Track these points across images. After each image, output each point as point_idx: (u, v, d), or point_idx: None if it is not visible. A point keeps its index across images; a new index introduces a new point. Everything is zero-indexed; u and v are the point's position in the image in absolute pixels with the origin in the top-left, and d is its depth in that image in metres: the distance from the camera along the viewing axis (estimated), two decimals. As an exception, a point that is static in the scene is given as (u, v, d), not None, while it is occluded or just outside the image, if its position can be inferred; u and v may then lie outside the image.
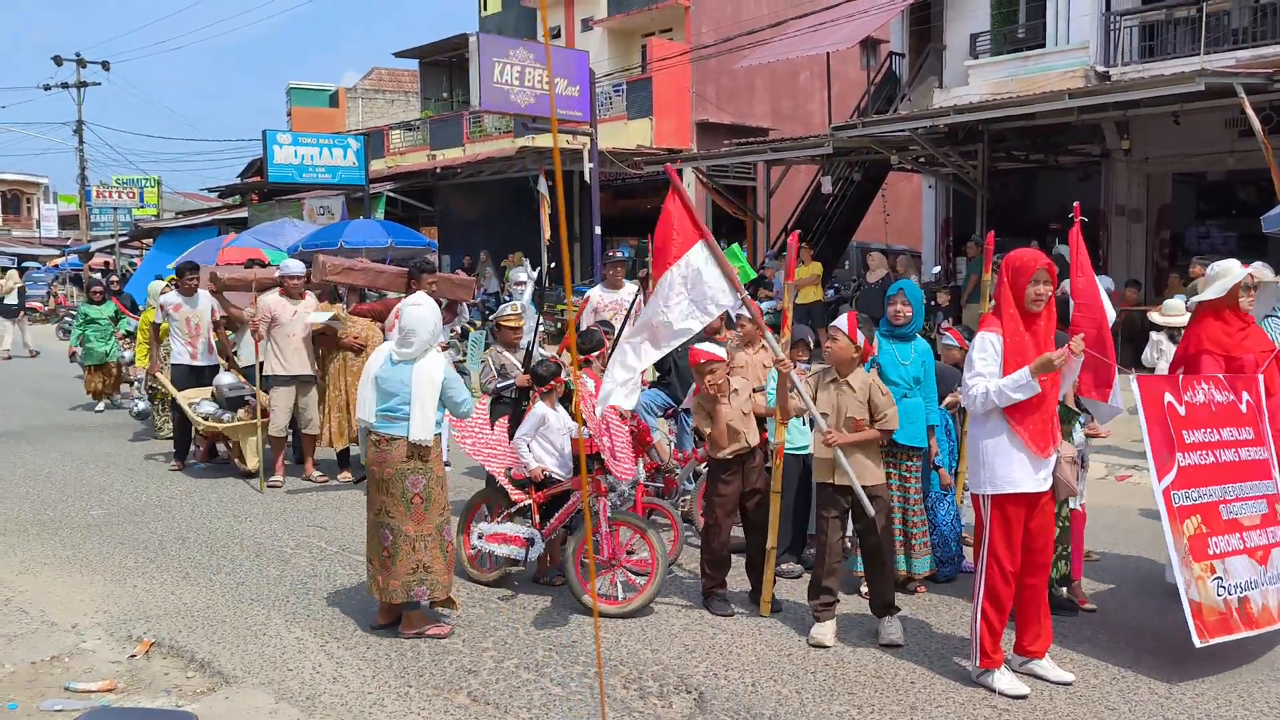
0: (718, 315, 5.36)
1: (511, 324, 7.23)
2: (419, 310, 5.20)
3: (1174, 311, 8.57)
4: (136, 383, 12.03)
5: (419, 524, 5.15)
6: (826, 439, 4.94)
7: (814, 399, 5.10)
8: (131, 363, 12.90)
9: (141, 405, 11.07)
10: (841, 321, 5.16)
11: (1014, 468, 4.47)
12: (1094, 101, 13.42)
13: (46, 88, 40.09)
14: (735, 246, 6.56)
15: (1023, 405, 4.45)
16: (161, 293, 11.07)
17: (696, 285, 5.08)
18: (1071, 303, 5.60)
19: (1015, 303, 4.50)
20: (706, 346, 5.51)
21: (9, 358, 20.54)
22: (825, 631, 5.08)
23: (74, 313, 23.49)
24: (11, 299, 22.91)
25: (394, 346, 5.24)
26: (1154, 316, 8.63)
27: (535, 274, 8.31)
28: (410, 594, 5.14)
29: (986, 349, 4.51)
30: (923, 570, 5.76)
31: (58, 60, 39.42)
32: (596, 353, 6.47)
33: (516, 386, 6.71)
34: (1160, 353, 8.84)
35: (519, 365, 6.90)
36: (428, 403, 5.07)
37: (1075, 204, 6.34)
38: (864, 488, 4.97)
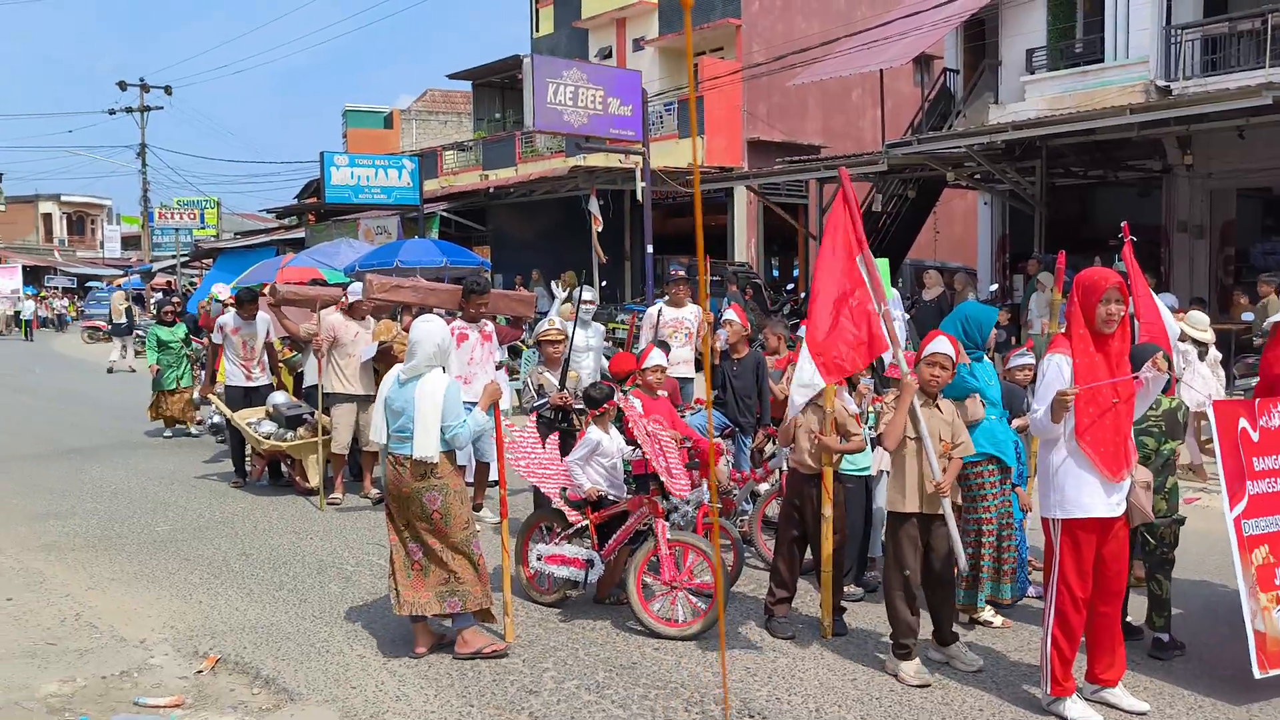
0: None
1: (553, 338, 7.24)
2: (425, 326, 5.20)
3: (1198, 325, 8.41)
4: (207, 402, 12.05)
5: (443, 538, 5.15)
6: (940, 488, 4.81)
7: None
8: (197, 403, 12.94)
9: (217, 418, 11.18)
10: (945, 346, 4.98)
11: (1085, 492, 4.37)
12: (1157, 116, 13.21)
13: (111, 112, 41.17)
14: (882, 260, 6.51)
15: (1094, 427, 4.35)
16: (226, 307, 11.29)
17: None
18: (1136, 323, 5.50)
19: (1085, 323, 4.40)
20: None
21: (114, 370, 21.58)
22: (916, 668, 4.89)
23: (139, 332, 24.17)
24: (121, 318, 23.77)
25: (401, 366, 5.27)
26: (1183, 326, 8.46)
27: (565, 294, 8.28)
28: (444, 605, 5.15)
29: (1054, 372, 4.42)
30: (1008, 596, 5.61)
31: (122, 85, 40.51)
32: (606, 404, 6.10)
33: (552, 405, 6.69)
34: (1188, 363, 8.61)
35: (556, 384, 6.90)
36: (430, 421, 5.05)
37: (1124, 223, 6.25)
38: (936, 515, 4.89)
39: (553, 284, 13.71)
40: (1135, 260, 5.64)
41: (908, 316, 11.02)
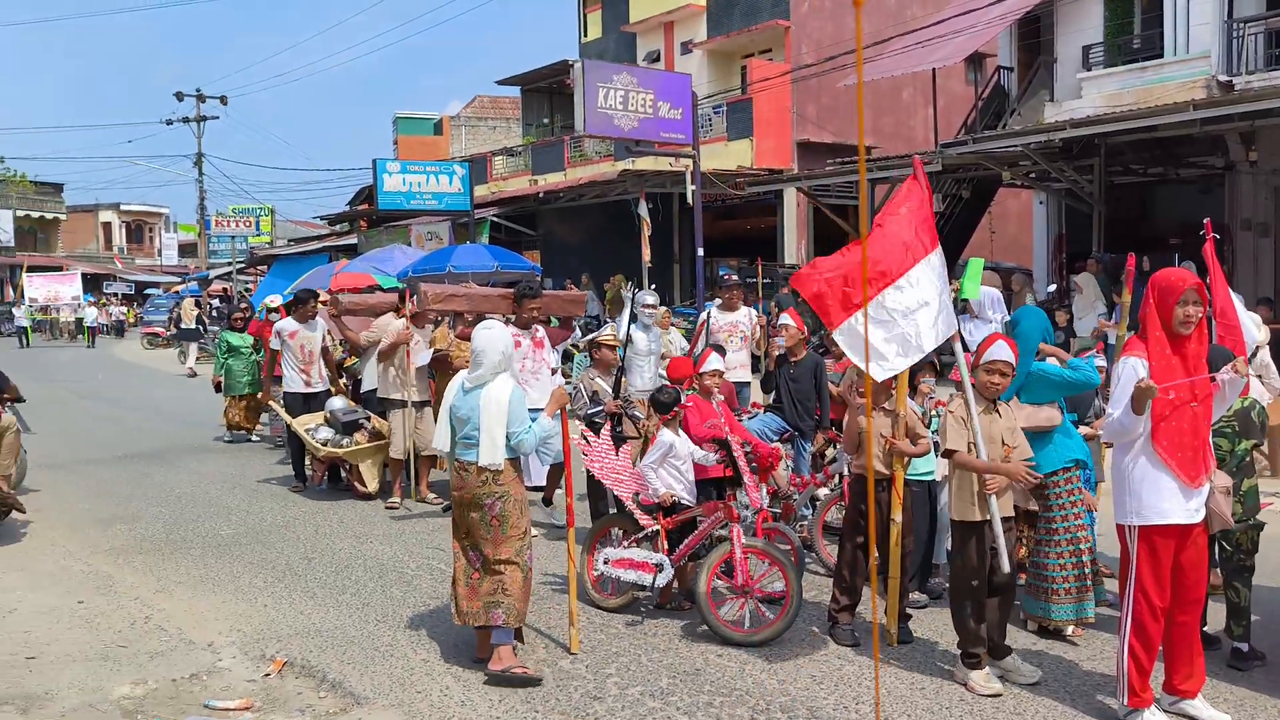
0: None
1: (610, 343, 7.23)
2: (488, 333, 5.17)
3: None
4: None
5: (496, 546, 5.09)
6: (987, 487, 4.73)
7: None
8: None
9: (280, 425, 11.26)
10: (1005, 353, 4.89)
11: (1163, 497, 4.26)
12: (1222, 112, 12.91)
13: (169, 122, 41.86)
14: (977, 260, 6.37)
15: (1171, 430, 4.24)
16: (271, 313, 11.41)
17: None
18: (1215, 323, 5.35)
19: (1162, 325, 4.29)
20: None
21: (194, 375, 22.13)
22: (985, 677, 4.79)
23: (203, 340, 24.72)
24: (190, 323, 24.33)
25: (465, 373, 5.24)
26: None
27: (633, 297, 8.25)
28: (489, 616, 5.06)
29: (1129, 375, 4.31)
30: (1090, 612, 5.47)
31: (179, 96, 41.20)
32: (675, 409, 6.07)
33: (607, 413, 6.68)
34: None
35: (610, 390, 6.89)
36: (495, 428, 5.02)
37: (1206, 220, 6.09)
38: (1005, 519, 4.80)
39: (623, 290, 13.68)
40: (1216, 258, 5.50)
41: (1008, 318, 10.77)
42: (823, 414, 7.56)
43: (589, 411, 6.78)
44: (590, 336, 7.70)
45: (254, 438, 12.82)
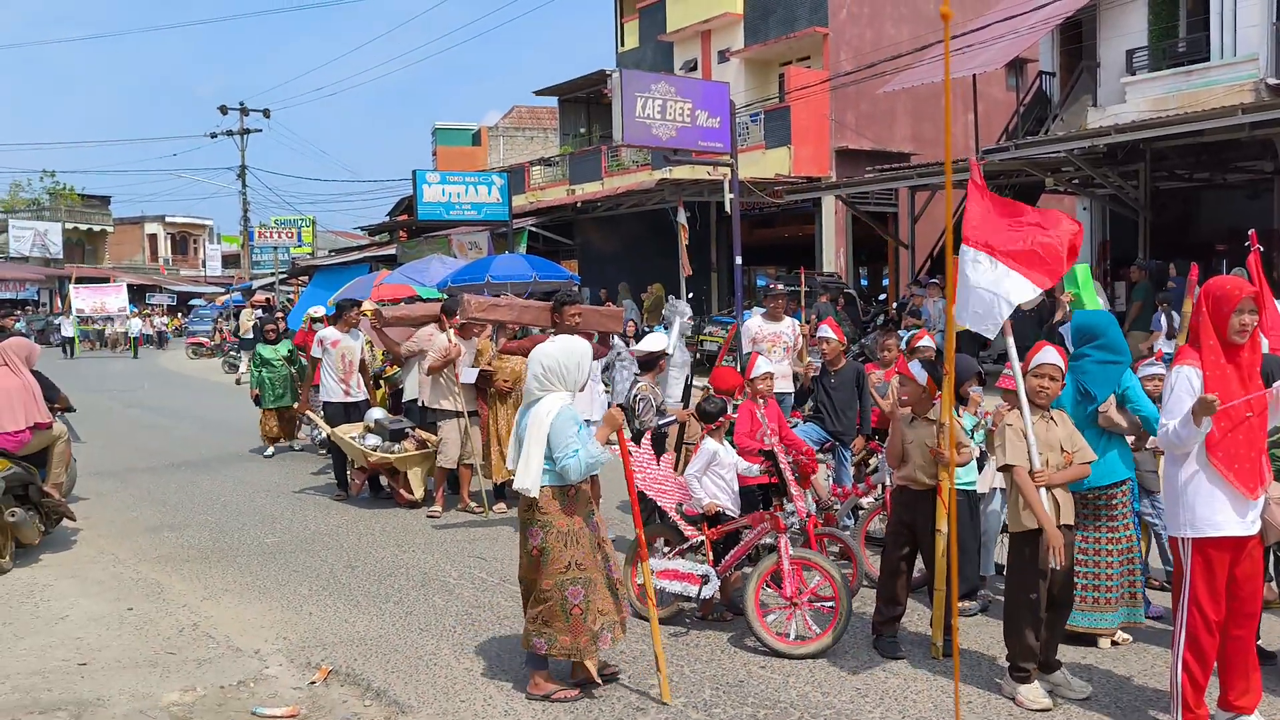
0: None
1: (666, 352, 7.24)
2: (549, 345, 4.96)
3: None
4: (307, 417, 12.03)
5: (538, 576, 4.89)
6: (1037, 476, 4.67)
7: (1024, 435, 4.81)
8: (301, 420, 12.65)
9: (324, 434, 11.35)
10: (1054, 356, 4.84)
11: (1217, 509, 4.17)
12: (1270, 116, 12.69)
13: (213, 135, 42.66)
14: (1084, 266, 6.23)
15: (1227, 442, 4.16)
16: (313, 322, 11.52)
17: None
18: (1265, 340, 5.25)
19: (1216, 334, 4.21)
20: (914, 366, 5.39)
21: (241, 382, 22.23)
22: (1035, 691, 4.71)
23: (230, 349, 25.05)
24: (249, 333, 24.72)
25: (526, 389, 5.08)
26: None
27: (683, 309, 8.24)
28: (531, 644, 4.92)
29: (1183, 385, 4.23)
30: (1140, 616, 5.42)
31: (223, 110, 42.02)
32: (721, 418, 6.04)
33: (680, 421, 6.69)
34: None
35: (665, 399, 6.88)
36: (533, 451, 4.71)
37: (1251, 231, 6.00)
38: (1063, 527, 4.73)
39: (673, 299, 13.65)
40: (1262, 268, 5.41)
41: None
42: (864, 421, 7.52)
43: (659, 424, 6.78)
44: (658, 349, 7.54)
45: (295, 446, 12.93)
